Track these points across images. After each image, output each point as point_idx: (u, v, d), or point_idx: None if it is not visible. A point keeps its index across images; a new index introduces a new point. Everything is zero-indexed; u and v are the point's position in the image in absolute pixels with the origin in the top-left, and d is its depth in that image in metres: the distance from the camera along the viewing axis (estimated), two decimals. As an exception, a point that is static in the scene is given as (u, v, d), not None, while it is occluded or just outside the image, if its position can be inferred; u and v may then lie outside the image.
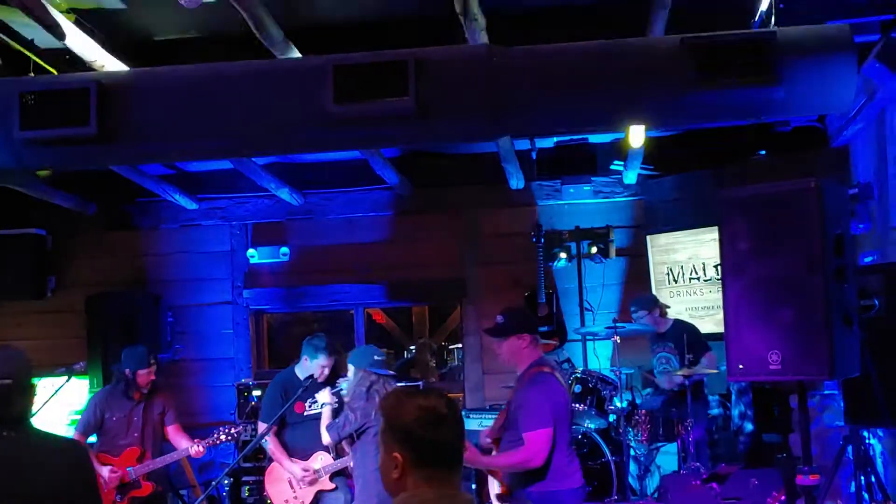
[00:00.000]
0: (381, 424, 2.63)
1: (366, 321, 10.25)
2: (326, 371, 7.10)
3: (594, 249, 9.03)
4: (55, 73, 6.28)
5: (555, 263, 9.10)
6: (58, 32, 5.66)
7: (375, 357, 6.30)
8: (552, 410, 5.02)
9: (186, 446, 7.23)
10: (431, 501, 2.51)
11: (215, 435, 7.16)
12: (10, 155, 5.85)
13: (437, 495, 2.52)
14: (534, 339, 5.29)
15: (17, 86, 5.67)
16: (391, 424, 2.57)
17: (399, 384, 6.43)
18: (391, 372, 6.47)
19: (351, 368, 6.34)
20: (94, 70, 6.07)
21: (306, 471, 6.96)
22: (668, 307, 8.45)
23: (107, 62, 6.10)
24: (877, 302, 5.20)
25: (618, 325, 7.46)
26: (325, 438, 6.44)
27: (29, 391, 3.62)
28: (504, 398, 6.57)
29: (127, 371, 7.23)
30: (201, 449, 7.15)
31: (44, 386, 7.98)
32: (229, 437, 7.20)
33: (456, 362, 12.08)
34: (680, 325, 8.10)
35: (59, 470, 3.53)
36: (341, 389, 6.55)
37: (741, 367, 4.68)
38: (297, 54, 6.12)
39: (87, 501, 3.62)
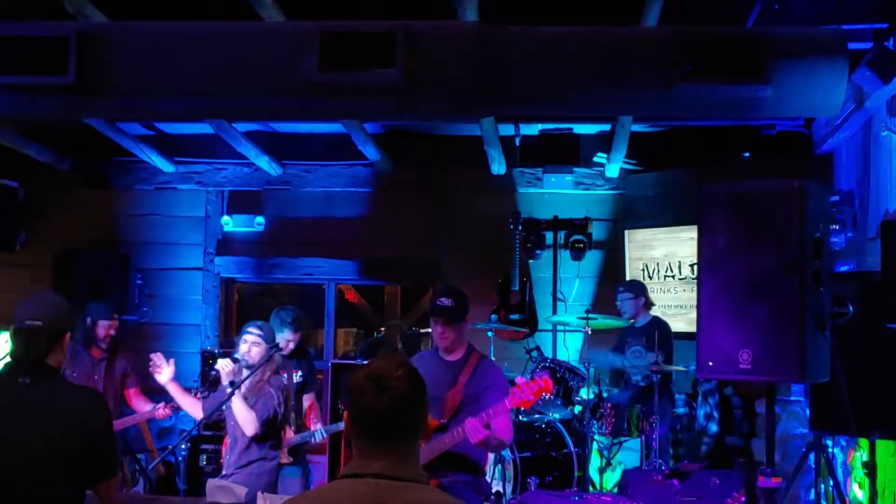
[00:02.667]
0: None
1: (337, 299, 10.17)
2: (292, 345, 7.02)
3: (573, 242, 9.00)
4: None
5: (535, 253, 9.11)
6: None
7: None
8: None
9: (151, 407, 7.12)
10: (355, 466, 2.43)
11: None
12: (-15, 100, 5.73)
13: (356, 463, 2.43)
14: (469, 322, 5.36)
15: (-5, 29, 5.56)
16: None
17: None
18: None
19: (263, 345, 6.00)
20: (74, 19, 5.95)
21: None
22: (654, 304, 8.40)
23: (87, 12, 5.98)
24: (851, 308, 5.17)
25: (590, 315, 7.41)
26: (251, 429, 5.77)
27: (56, 339, 3.61)
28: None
29: (88, 319, 7.14)
30: (168, 411, 7.05)
31: (5, 340, 7.87)
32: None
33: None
34: (657, 321, 8.07)
35: (76, 416, 3.54)
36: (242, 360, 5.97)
37: (711, 364, 4.64)
38: (283, 18, 6.03)
39: (106, 447, 3.62)
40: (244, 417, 5.76)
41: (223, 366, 5.89)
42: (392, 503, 2.34)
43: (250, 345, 5.95)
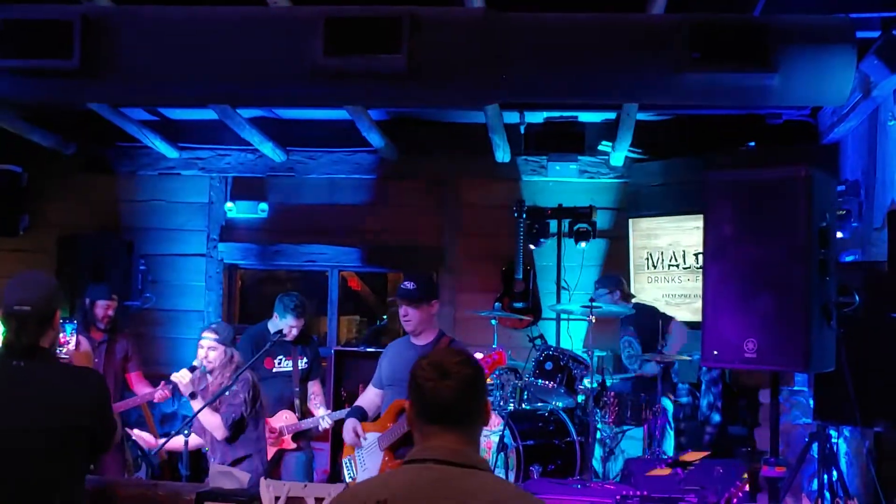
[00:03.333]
0: None
1: (341, 286, 10.15)
2: (295, 331, 7.03)
3: (576, 230, 9.00)
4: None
5: (538, 244, 9.09)
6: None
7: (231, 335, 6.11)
8: None
9: (150, 390, 7.11)
10: (416, 452, 2.50)
11: None
12: (-12, 84, 5.72)
13: (418, 448, 2.50)
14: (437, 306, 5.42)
15: (-2, 12, 5.54)
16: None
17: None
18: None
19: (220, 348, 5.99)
20: (78, 3, 5.93)
21: (272, 431, 6.87)
22: (634, 296, 8.38)
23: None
24: (857, 298, 5.15)
25: (594, 304, 7.38)
26: (220, 434, 5.80)
27: (46, 321, 3.58)
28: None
29: (86, 300, 7.13)
30: (167, 392, 7.03)
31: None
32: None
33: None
34: (639, 308, 8.04)
35: (71, 397, 3.53)
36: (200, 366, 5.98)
37: (715, 353, 4.63)
38: (288, 3, 6.00)
39: (102, 427, 3.64)
40: (211, 424, 5.79)
41: (180, 378, 5.83)
42: (449, 489, 2.37)
43: (206, 349, 5.94)
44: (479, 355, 5.27)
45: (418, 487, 2.39)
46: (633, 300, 8.27)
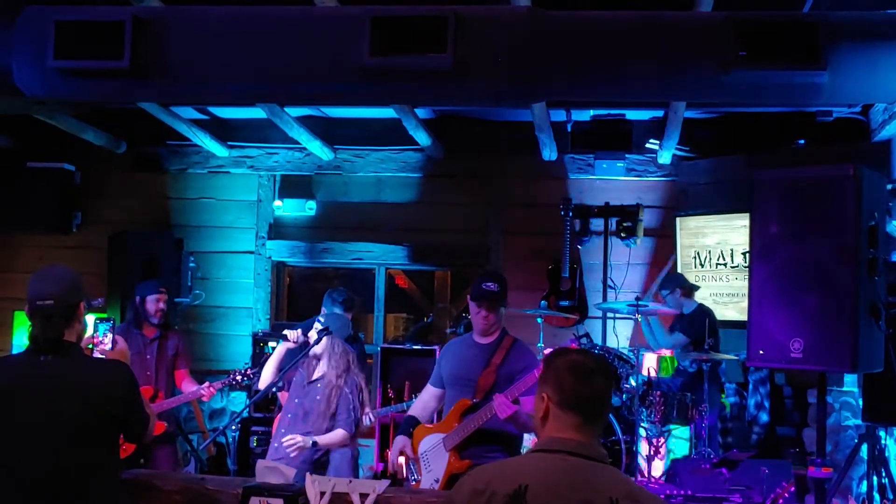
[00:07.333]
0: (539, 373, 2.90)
1: (387, 283, 10.19)
2: (344, 326, 7.05)
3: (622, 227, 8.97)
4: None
5: (584, 240, 9.06)
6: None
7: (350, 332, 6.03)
8: None
9: (196, 388, 7.17)
10: (547, 442, 2.72)
11: (230, 375, 7.09)
12: (42, 84, 5.82)
13: (549, 439, 2.72)
14: None
15: (53, 14, 5.63)
16: (546, 369, 2.81)
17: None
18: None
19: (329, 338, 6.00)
20: (128, 3, 6.02)
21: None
22: (698, 287, 8.31)
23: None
24: (907, 298, 5.09)
25: (640, 302, 7.36)
26: (344, 439, 5.88)
27: (71, 314, 3.60)
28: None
29: (137, 299, 7.21)
30: (213, 390, 7.10)
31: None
32: (245, 378, 7.12)
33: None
34: (701, 309, 7.99)
35: (99, 388, 3.56)
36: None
37: (761, 352, 4.60)
38: (334, 2, 6.05)
39: (132, 417, 3.67)
40: (334, 440, 5.83)
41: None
42: (583, 479, 2.60)
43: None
44: (548, 351, 5.22)
45: (556, 476, 2.61)
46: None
